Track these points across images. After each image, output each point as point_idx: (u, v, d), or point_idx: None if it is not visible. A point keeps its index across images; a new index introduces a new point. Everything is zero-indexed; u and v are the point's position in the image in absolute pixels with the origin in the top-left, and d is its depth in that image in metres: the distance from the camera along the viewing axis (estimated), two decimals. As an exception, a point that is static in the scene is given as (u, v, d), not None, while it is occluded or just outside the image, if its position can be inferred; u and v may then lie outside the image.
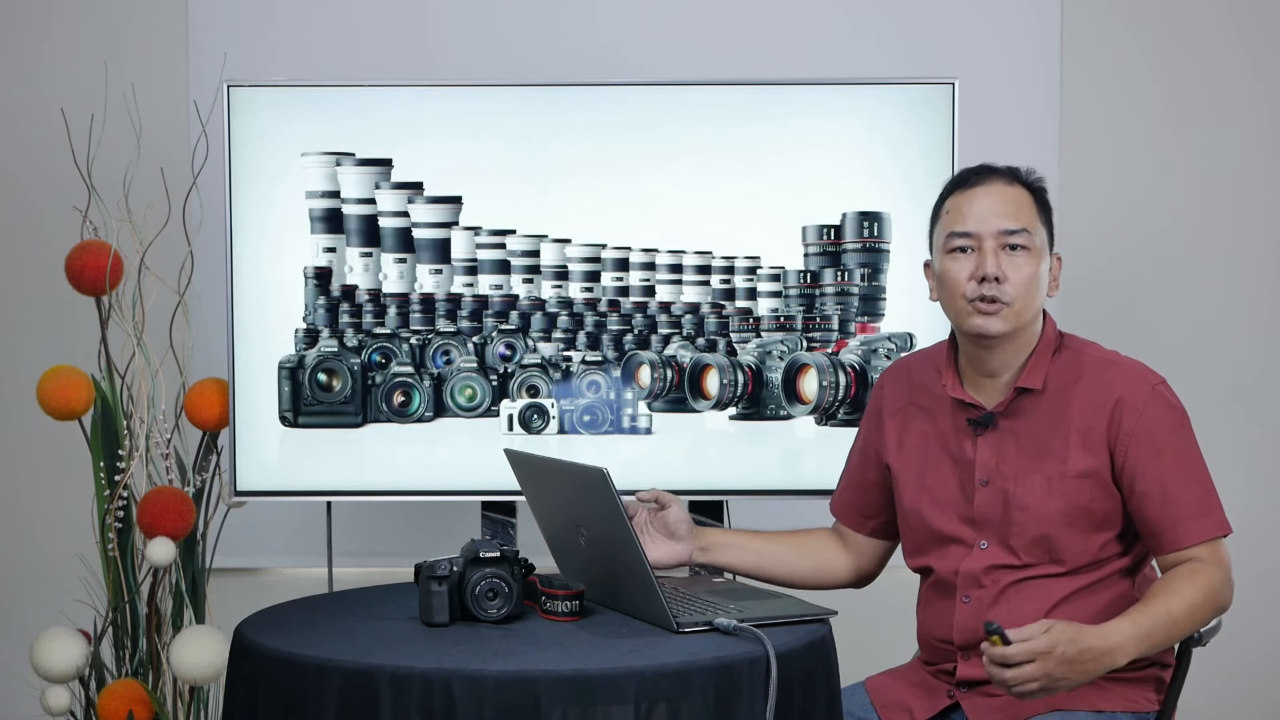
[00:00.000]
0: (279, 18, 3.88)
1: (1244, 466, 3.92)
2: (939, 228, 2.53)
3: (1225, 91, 3.96)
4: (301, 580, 3.68)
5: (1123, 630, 2.30)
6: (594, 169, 3.35)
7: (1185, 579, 2.39)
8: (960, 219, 2.49)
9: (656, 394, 3.38)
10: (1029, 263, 2.47)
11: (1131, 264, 3.95)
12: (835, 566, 2.74)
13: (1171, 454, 2.44)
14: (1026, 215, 2.49)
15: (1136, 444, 2.44)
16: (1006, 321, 2.46)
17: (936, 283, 2.55)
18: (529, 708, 2.05)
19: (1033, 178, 2.54)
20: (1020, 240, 2.47)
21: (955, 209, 2.51)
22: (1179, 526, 2.42)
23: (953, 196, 2.53)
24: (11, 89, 3.91)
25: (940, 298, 2.55)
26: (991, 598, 2.50)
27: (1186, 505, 2.42)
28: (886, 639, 2.68)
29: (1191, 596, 2.37)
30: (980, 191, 2.50)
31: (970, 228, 2.47)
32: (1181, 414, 2.48)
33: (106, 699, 3.29)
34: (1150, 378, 2.49)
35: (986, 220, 2.47)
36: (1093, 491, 2.46)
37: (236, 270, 3.36)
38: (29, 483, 3.93)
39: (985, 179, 2.51)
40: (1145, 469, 2.43)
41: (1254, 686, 3.99)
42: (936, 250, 2.54)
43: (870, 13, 3.90)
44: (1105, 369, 2.50)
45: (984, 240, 2.46)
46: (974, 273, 2.46)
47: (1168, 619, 2.34)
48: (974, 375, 2.56)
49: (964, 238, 2.48)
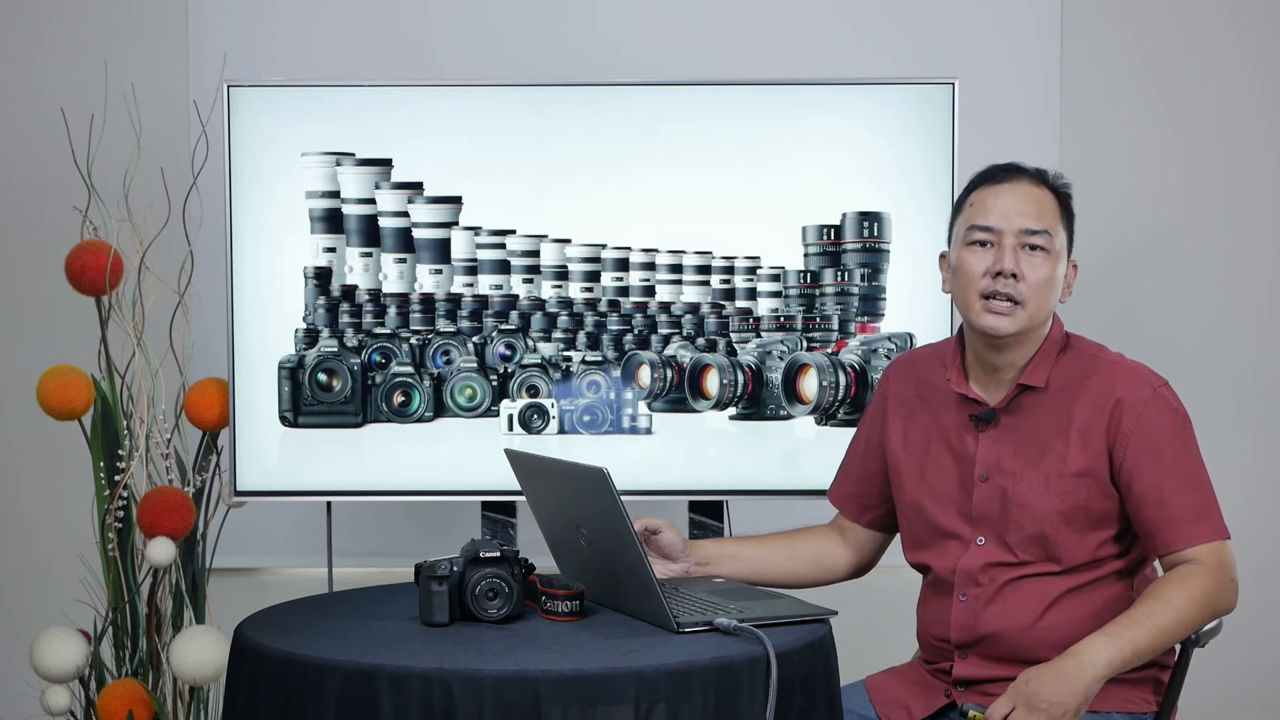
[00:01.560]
0: (279, 18, 3.88)
1: (1244, 466, 3.93)
2: (960, 219, 2.55)
3: (1225, 91, 3.96)
4: (301, 580, 3.68)
5: (1095, 644, 2.35)
6: (594, 169, 3.35)
7: (1176, 585, 2.40)
8: (984, 213, 2.50)
9: (656, 394, 3.38)
10: (1046, 264, 2.48)
11: (1131, 264, 3.95)
12: (834, 563, 2.74)
13: (1170, 457, 2.45)
14: (1049, 217, 2.50)
15: (1135, 446, 2.44)
16: (1018, 322, 2.47)
17: (951, 274, 2.56)
18: (529, 708, 2.05)
19: (1059, 182, 2.55)
20: (1040, 241, 2.48)
21: (979, 202, 2.52)
22: (1174, 529, 2.42)
23: (978, 190, 2.54)
24: (11, 89, 3.91)
25: (953, 289, 2.56)
26: (988, 596, 2.51)
27: (1183, 509, 2.43)
28: (886, 639, 2.68)
29: (1181, 604, 2.38)
30: (1006, 188, 2.51)
31: (992, 223, 2.49)
32: (1183, 417, 2.49)
33: (106, 699, 3.29)
34: (1153, 380, 2.50)
35: (1010, 217, 2.48)
36: (1090, 491, 2.46)
37: (236, 270, 3.36)
38: (29, 483, 3.93)
39: (1013, 177, 2.53)
40: (1143, 471, 2.44)
41: (1253, 687, 3.99)
42: (955, 242, 2.55)
43: (870, 13, 3.90)
44: (1108, 370, 2.51)
45: (1005, 237, 2.48)
46: (991, 267, 2.48)
47: (1153, 629, 2.36)
48: (980, 372, 2.57)
49: (985, 231, 2.49)
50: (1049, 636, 2.46)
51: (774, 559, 2.71)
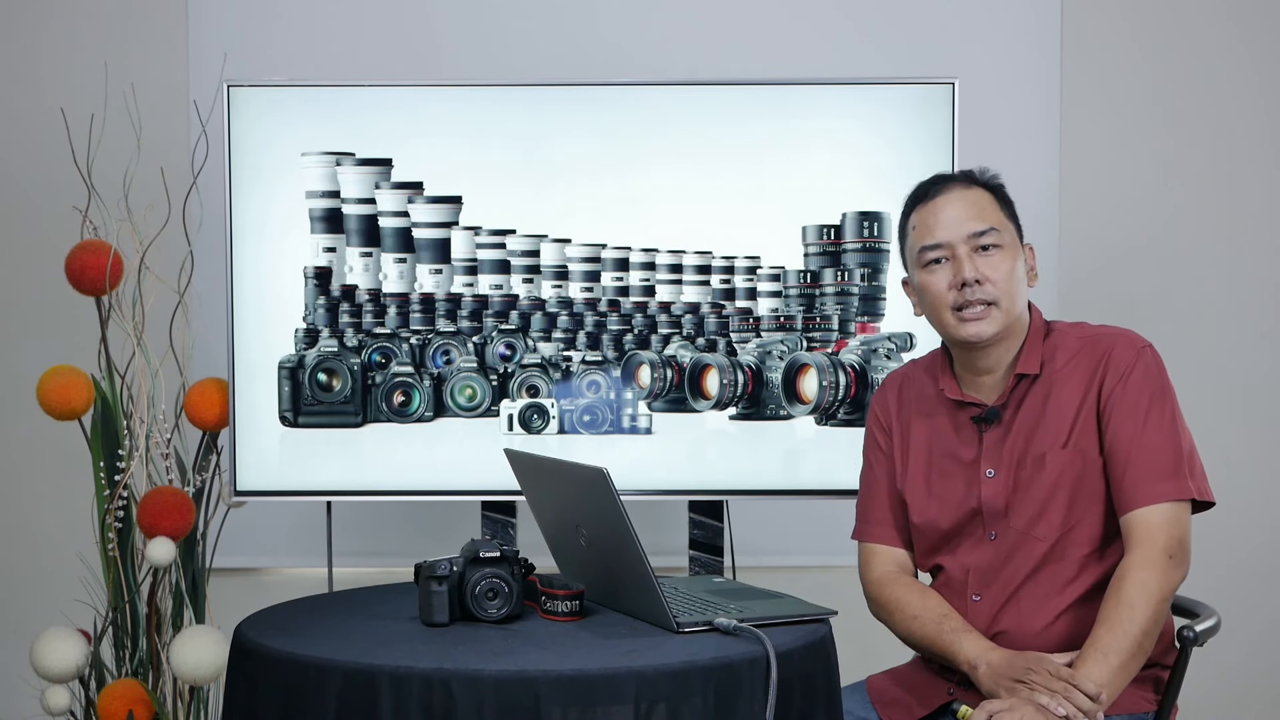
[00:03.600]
0: (279, 18, 3.88)
1: (1244, 464, 3.93)
2: (909, 244, 2.56)
3: (1225, 91, 3.96)
4: (301, 580, 3.68)
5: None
6: (594, 169, 3.35)
7: (1124, 609, 2.37)
8: (928, 232, 2.51)
9: (656, 394, 3.38)
10: (1005, 260, 2.50)
11: (1131, 264, 3.95)
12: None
13: (1147, 415, 2.45)
14: (991, 214, 2.51)
15: (1114, 403, 2.46)
16: (996, 322, 2.49)
17: (918, 298, 2.57)
18: (529, 708, 2.05)
19: (988, 176, 2.56)
20: (990, 240, 2.49)
21: (921, 223, 2.53)
22: (1138, 488, 2.43)
23: (916, 211, 2.55)
24: (11, 89, 3.91)
25: (925, 312, 2.57)
26: (1003, 598, 2.52)
27: (1152, 466, 2.43)
28: (887, 639, 2.67)
29: (1134, 622, 2.36)
30: (941, 201, 2.52)
31: (940, 238, 2.50)
32: (1163, 379, 2.49)
33: (106, 699, 3.29)
34: (1137, 341, 2.52)
35: (953, 227, 2.49)
36: (1085, 460, 2.48)
37: (236, 270, 3.36)
38: (29, 483, 3.93)
39: (943, 187, 2.54)
40: (1120, 426, 2.45)
41: (1253, 686, 3.99)
42: (912, 266, 2.56)
43: (870, 13, 3.90)
44: (1094, 340, 2.53)
45: (956, 247, 2.49)
46: (954, 280, 2.49)
47: (1131, 646, 2.36)
48: (970, 376, 2.58)
49: (936, 249, 2.50)
50: (1060, 640, 2.48)
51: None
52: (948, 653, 2.48)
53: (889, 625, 2.61)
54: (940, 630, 2.50)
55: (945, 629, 2.49)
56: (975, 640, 2.46)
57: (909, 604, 2.56)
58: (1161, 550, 2.40)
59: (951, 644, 2.47)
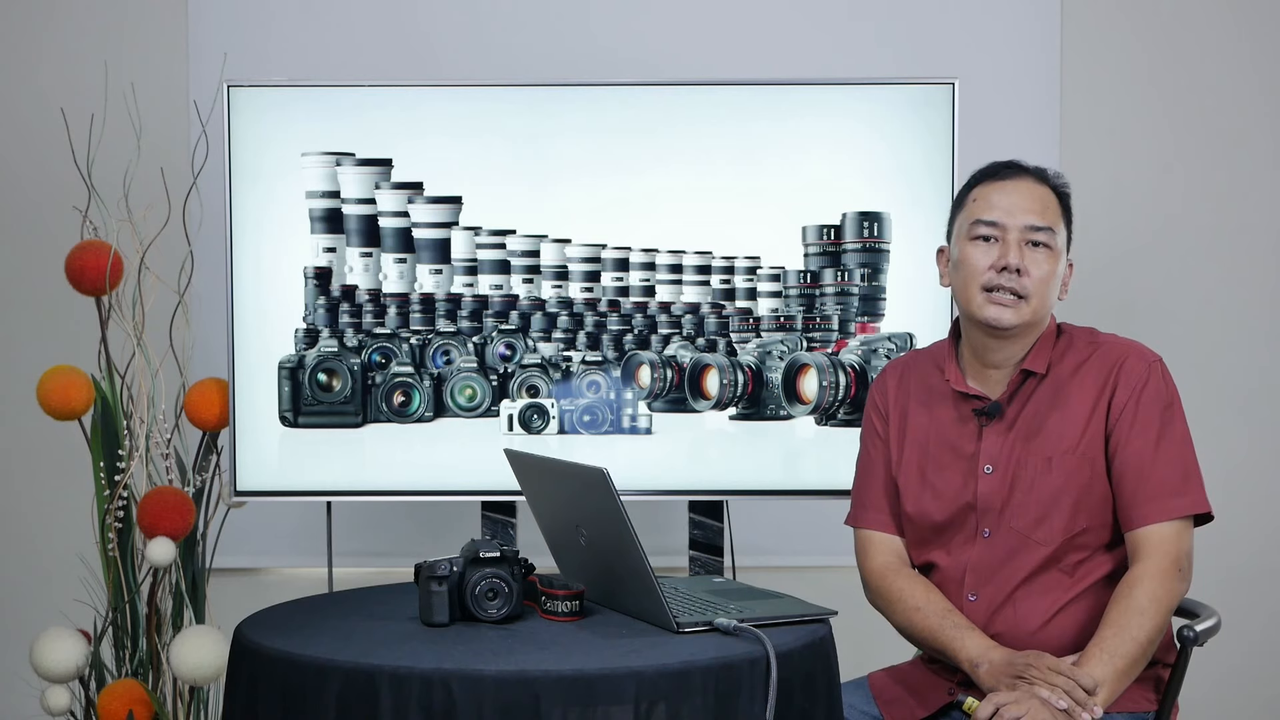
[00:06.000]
0: (279, 18, 3.88)
1: (1243, 465, 3.93)
2: (963, 214, 2.57)
3: (1225, 92, 3.96)
4: (301, 580, 3.68)
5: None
6: (594, 169, 3.35)
7: (1134, 615, 2.39)
8: (988, 208, 2.52)
9: (656, 394, 3.38)
10: (1049, 261, 2.51)
11: (1131, 264, 3.95)
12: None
13: (1157, 432, 2.47)
14: (1052, 215, 2.53)
15: (1126, 418, 2.48)
16: (1020, 315, 2.50)
17: (951, 268, 2.58)
18: (529, 708, 2.05)
19: (1059, 181, 2.58)
20: (1044, 238, 2.51)
21: (983, 198, 2.54)
22: (1146, 504, 2.45)
23: (981, 185, 2.57)
24: (11, 89, 3.91)
25: (953, 283, 2.58)
26: (1000, 599, 2.52)
27: (1160, 483, 2.45)
28: (887, 638, 2.67)
29: (1142, 629, 2.38)
30: (1010, 185, 2.54)
31: (997, 218, 2.51)
32: (1173, 393, 2.51)
33: (106, 699, 3.29)
34: (1147, 355, 2.54)
35: (1014, 213, 2.51)
36: (1092, 471, 2.48)
37: (236, 270, 3.36)
38: (29, 483, 3.93)
39: (1015, 174, 2.56)
40: (1129, 441, 2.47)
41: (1253, 686, 3.99)
42: (957, 236, 2.57)
43: (870, 13, 3.90)
44: (1104, 349, 2.55)
45: (1009, 232, 2.50)
46: (995, 262, 2.50)
47: (1135, 651, 2.38)
48: (978, 367, 2.58)
49: (990, 226, 2.51)
50: (1054, 641, 2.48)
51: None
52: (949, 648, 2.48)
53: (888, 615, 2.61)
54: (943, 625, 2.50)
55: (948, 624, 2.50)
56: (977, 638, 2.46)
57: (912, 595, 2.56)
58: (1173, 563, 2.43)
59: (953, 640, 2.48)
